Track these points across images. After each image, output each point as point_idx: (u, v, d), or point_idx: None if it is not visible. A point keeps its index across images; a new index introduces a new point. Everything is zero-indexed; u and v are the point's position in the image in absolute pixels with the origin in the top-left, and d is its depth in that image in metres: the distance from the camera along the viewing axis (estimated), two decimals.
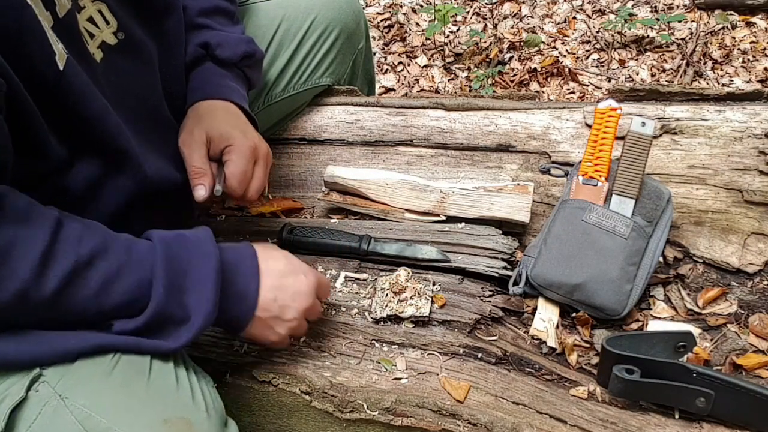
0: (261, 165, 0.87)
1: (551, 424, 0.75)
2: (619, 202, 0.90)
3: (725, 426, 0.74)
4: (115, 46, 0.75)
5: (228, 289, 0.69)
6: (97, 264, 0.62)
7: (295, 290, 0.75)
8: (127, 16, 0.77)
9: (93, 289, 0.61)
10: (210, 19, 0.94)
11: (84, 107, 0.67)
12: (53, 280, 0.58)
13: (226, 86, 0.91)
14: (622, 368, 0.75)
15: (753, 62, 2.10)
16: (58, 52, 0.62)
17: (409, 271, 0.90)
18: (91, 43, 0.71)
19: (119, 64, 0.76)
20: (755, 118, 1.00)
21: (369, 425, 0.77)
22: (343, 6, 1.14)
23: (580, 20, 2.41)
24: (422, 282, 0.88)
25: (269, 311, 0.73)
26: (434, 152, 1.12)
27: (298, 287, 0.75)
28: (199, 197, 0.82)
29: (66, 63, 0.63)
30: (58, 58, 0.62)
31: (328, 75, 1.15)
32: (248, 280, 0.72)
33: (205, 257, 0.67)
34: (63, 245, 0.60)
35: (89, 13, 0.71)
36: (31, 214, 0.59)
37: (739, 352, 0.83)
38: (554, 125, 1.08)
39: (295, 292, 0.75)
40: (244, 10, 1.08)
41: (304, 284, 0.76)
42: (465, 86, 2.21)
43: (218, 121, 0.86)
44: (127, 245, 0.65)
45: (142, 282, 0.64)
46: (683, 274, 0.93)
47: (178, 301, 0.65)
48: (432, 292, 0.88)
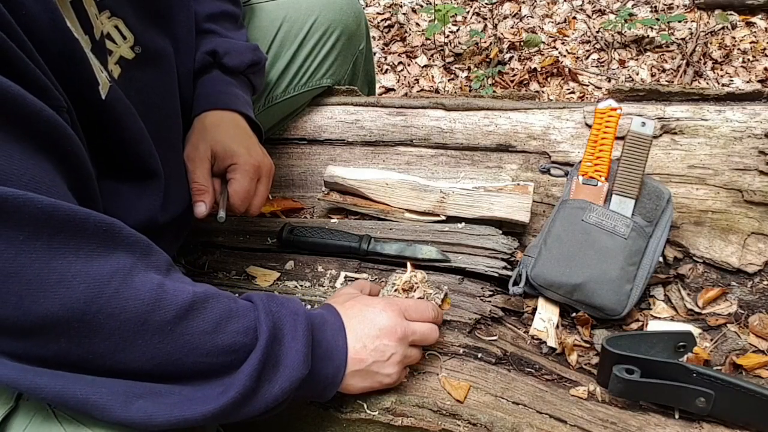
0: (264, 182, 0.89)
1: (551, 424, 0.75)
2: (619, 202, 0.90)
3: (725, 426, 0.74)
4: (133, 61, 0.75)
5: (316, 350, 0.67)
6: (212, 303, 0.61)
7: (380, 327, 0.72)
8: (143, 27, 0.77)
9: (210, 325, 0.60)
10: (217, 24, 0.94)
11: (123, 131, 0.68)
12: (172, 308, 0.57)
13: (232, 95, 0.91)
14: (622, 368, 0.75)
15: (753, 62, 2.10)
16: (102, 81, 0.62)
17: (425, 274, 0.86)
18: (109, 60, 0.71)
19: (138, 78, 0.75)
20: (755, 118, 1.00)
21: (369, 425, 0.77)
22: (344, 7, 1.14)
23: (580, 20, 2.41)
24: (434, 288, 0.87)
25: (364, 361, 0.71)
26: (434, 152, 1.12)
27: (380, 323, 0.72)
28: (199, 214, 0.83)
29: (108, 91, 0.63)
30: (101, 87, 0.62)
31: (328, 76, 1.15)
32: (335, 336, 0.70)
33: (296, 315, 0.66)
34: (178, 281, 0.60)
35: (107, 29, 0.71)
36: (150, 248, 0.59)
37: (739, 352, 0.83)
38: (554, 125, 1.08)
39: (380, 329, 0.72)
40: (246, 11, 1.08)
41: (384, 318, 0.73)
42: (465, 86, 2.21)
43: (223, 135, 0.86)
44: (230, 294, 0.65)
45: (249, 327, 0.62)
46: (683, 274, 0.93)
47: (276, 352, 0.63)
48: (440, 300, 0.86)
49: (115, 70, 0.72)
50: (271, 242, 1.03)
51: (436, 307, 0.81)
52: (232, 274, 0.99)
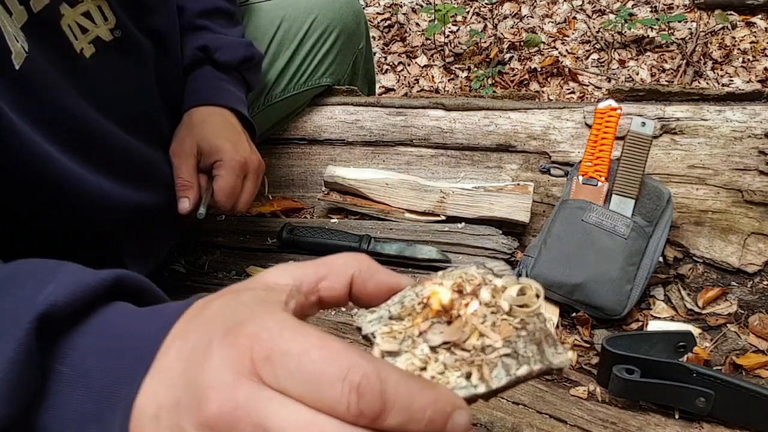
0: (251, 179, 0.87)
1: (551, 424, 0.75)
2: (619, 202, 0.90)
3: (725, 426, 0.74)
4: (110, 43, 0.75)
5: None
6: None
7: (210, 386, 0.31)
8: (126, 15, 0.77)
9: None
10: (210, 20, 0.94)
11: (42, 104, 0.64)
12: None
13: (223, 90, 0.91)
14: (622, 368, 0.75)
15: (753, 62, 2.10)
16: (15, 50, 0.60)
17: (537, 287, 0.79)
18: (81, 38, 0.71)
19: (113, 62, 0.75)
20: (755, 118, 1.00)
21: None
22: (343, 6, 1.14)
23: (580, 20, 2.41)
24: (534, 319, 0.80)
25: None
26: (434, 152, 1.12)
27: (217, 380, 0.31)
28: (182, 209, 0.81)
29: (24, 62, 0.61)
30: (14, 56, 0.60)
31: (328, 75, 1.15)
32: (117, 381, 0.34)
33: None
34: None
35: (86, 7, 0.71)
36: None
37: (739, 352, 0.83)
38: (554, 125, 1.08)
39: (209, 389, 0.31)
40: (244, 11, 1.08)
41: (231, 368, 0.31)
42: (465, 86, 2.21)
43: (210, 131, 0.85)
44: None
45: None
46: (683, 274, 0.93)
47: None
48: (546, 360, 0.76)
49: (87, 49, 0.72)
50: (271, 242, 1.03)
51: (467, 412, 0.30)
52: (232, 274, 0.99)
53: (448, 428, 0.29)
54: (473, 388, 0.31)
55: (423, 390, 0.28)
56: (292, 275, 0.35)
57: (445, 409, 0.28)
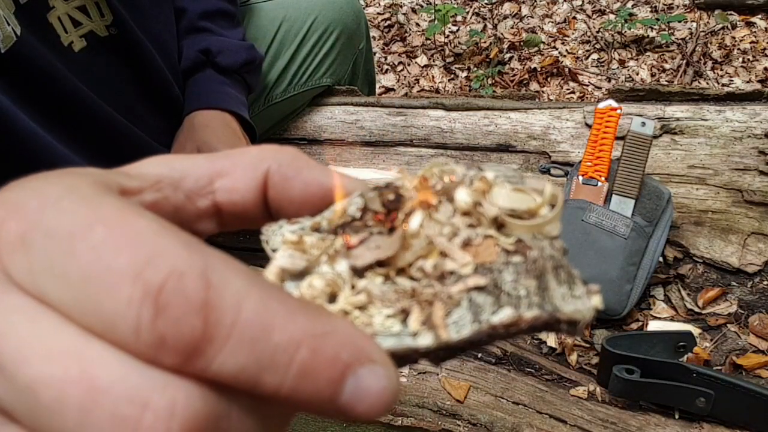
0: None
1: (551, 424, 0.75)
2: (619, 202, 0.90)
3: (725, 426, 0.74)
4: (104, 39, 0.76)
5: None
6: None
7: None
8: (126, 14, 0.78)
9: None
10: (212, 22, 0.94)
11: (28, 87, 0.66)
12: None
13: (224, 93, 0.91)
14: (622, 368, 0.75)
15: (753, 62, 2.10)
16: (3, 33, 0.62)
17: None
18: (72, 31, 0.72)
19: (103, 58, 0.76)
20: (755, 118, 1.00)
21: (369, 425, 0.77)
22: (343, 6, 1.14)
23: (580, 20, 2.41)
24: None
25: None
26: (434, 152, 1.12)
27: None
28: None
29: (13, 45, 0.63)
30: (1, 39, 0.62)
31: (328, 75, 1.15)
32: None
33: None
34: None
35: (82, 2, 0.72)
36: None
37: (739, 352, 0.83)
38: (554, 125, 1.08)
39: None
40: (245, 11, 1.08)
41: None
42: (465, 86, 2.21)
43: (211, 136, 0.86)
44: None
45: None
46: (683, 274, 0.93)
47: None
48: None
49: (78, 43, 0.73)
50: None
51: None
52: None
53: (344, 394, 0.16)
54: (410, 337, 0.18)
55: (294, 314, 0.16)
56: (171, 165, 0.22)
57: (339, 355, 0.16)
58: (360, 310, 0.19)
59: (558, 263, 0.20)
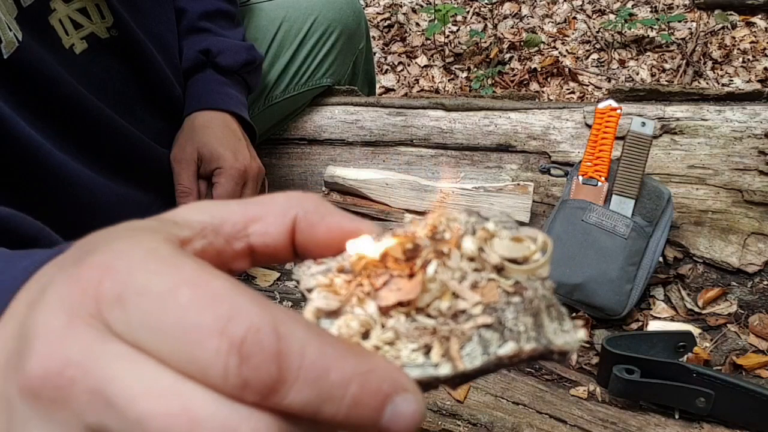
0: (250, 186, 0.88)
1: (551, 424, 0.75)
2: (619, 202, 0.90)
3: (725, 426, 0.74)
4: (105, 41, 0.76)
5: None
6: None
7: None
8: (127, 16, 0.78)
9: None
10: (212, 22, 0.94)
11: (28, 93, 0.65)
12: None
13: (225, 94, 0.91)
14: (622, 368, 0.75)
15: (753, 62, 2.10)
16: (6, 39, 0.62)
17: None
18: (73, 33, 0.72)
19: (106, 60, 0.76)
20: (755, 118, 1.00)
21: None
22: (343, 6, 1.14)
23: (580, 20, 2.41)
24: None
25: None
26: (434, 152, 1.12)
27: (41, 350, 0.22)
28: None
29: (15, 51, 0.62)
30: (4, 45, 0.62)
31: (328, 75, 1.15)
32: None
33: None
34: None
35: (83, 4, 0.72)
36: None
37: (739, 352, 0.83)
38: (554, 125, 1.08)
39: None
40: (245, 11, 1.08)
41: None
42: (465, 86, 2.21)
43: (211, 138, 0.86)
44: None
45: None
46: (683, 274, 0.93)
47: None
48: None
49: (79, 45, 0.72)
50: None
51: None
52: None
53: (384, 418, 0.20)
54: (432, 367, 0.22)
55: (345, 357, 0.20)
56: (211, 212, 0.26)
57: (381, 387, 0.20)
58: (389, 345, 0.23)
59: (549, 302, 0.24)
